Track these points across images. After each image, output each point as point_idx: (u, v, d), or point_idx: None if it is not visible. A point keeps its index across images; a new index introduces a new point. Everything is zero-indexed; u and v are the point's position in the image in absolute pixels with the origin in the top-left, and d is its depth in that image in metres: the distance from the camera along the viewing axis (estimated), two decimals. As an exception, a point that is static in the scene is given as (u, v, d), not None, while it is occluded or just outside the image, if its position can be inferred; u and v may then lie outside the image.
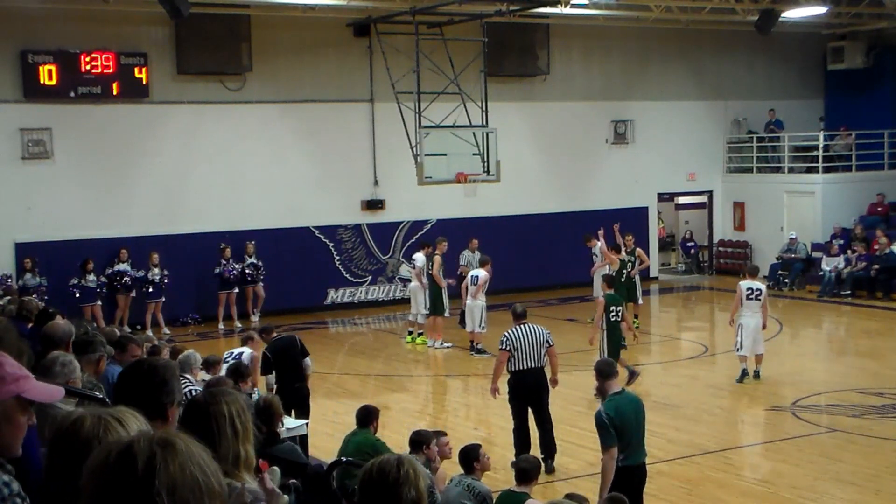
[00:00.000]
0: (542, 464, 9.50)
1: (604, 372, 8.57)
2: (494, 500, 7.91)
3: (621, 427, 8.26)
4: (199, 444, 2.11)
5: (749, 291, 15.15)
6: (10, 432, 2.95)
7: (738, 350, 15.15)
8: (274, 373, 11.57)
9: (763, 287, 15.47)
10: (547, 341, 11.28)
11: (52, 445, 2.71)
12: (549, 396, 11.34)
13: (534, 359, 11.16)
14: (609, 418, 8.19)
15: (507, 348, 11.17)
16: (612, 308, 14.06)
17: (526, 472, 7.87)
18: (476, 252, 20.15)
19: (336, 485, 6.65)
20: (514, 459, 8.97)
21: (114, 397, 3.85)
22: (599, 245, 19.65)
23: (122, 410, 2.71)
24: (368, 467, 3.42)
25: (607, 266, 18.48)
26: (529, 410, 11.25)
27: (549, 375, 11.49)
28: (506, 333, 11.35)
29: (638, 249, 20.08)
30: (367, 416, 8.98)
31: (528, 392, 11.21)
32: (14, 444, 2.97)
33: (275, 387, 11.53)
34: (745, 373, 15.12)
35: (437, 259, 18.63)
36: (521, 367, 11.17)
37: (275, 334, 12.11)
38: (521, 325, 11.37)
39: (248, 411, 3.57)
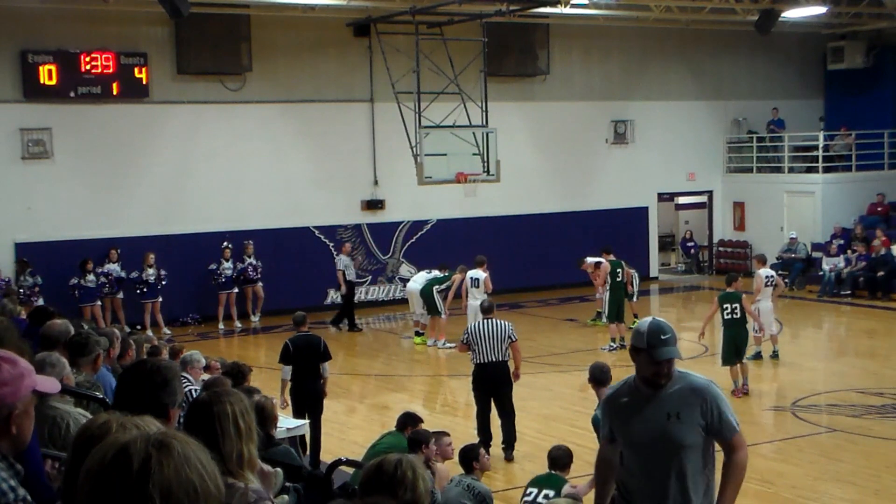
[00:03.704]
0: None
1: (598, 379, 8.80)
2: (532, 480, 8.32)
3: None
4: (198, 444, 2.10)
5: (768, 279, 16.33)
6: (29, 425, 3.10)
7: (755, 332, 15.98)
8: (291, 366, 11.52)
9: (774, 273, 16.94)
10: (509, 337, 11.65)
11: (77, 447, 2.75)
12: (511, 389, 11.72)
13: (493, 353, 11.58)
14: None
15: (465, 342, 11.79)
16: (727, 305, 14.40)
17: (559, 460, 8.33)
18: (350, 257, 20.81)
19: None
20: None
21: (115, 397, 3.85)
22: (589, 262, 19.97)
23: (146, 418, 2.76)
24: (369, 467, 3.43)
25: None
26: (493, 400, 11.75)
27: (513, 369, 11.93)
28: (467, 327, 12.04)
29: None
30: (407, 422, 8.94)
31: (488, 384, 11.66)
32: (29, 436, 3.12)
33: (289, 381, 11.55)
34: (775, 352, 16.57)
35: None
36: (480, 361, 11.67)
37: (304, 328, 11.88)
38: (484, 321, 11.83)
39: (251, 411, 3.59)
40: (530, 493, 8.16)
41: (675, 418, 5.01)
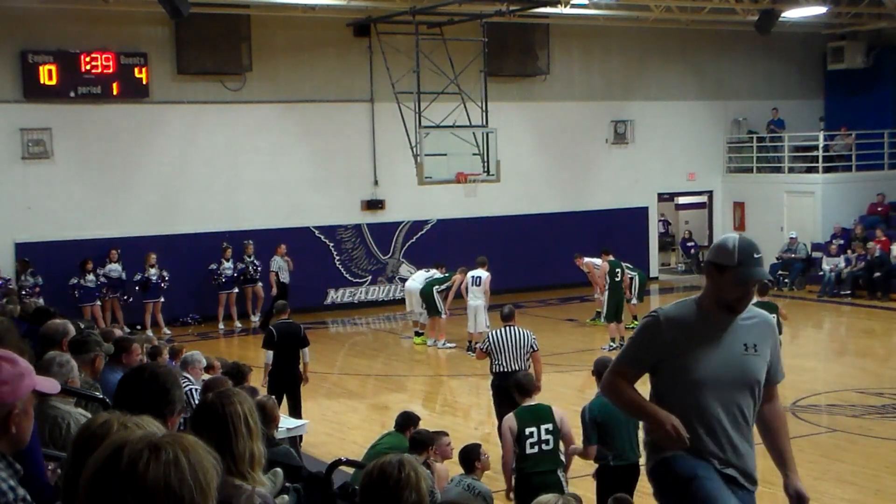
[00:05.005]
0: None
1: (600, 372, 8.66)
2: (520, 418, 8.49)
3: (608, 425, 8.37)
4: (205, 450, 2.11)
5: None
6: (28, 425, 3.10)
7: None
8: (273, 352, 12.20)
9: None
10: (532, 346, 11.41)
11: (78, 447, 2.76)
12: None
13: (514, 362, 11.29)
14: (591, 417, 8.38)
15: (485, 349, 11.55)
16: None
17: (526, 385, 8.70)
18: (285, 258, 20.85)
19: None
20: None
21: (114, 404, 3.84)
22: (587, 261, 20.04)
23: (146, 417, 2.76)
24: (370, 469, 3.43)
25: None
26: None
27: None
28: (488, 335, 11.79)
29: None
30: (407, 422, 8.92)
31: (508, 394, 11.06)
32: (28, 435, 3.12)
33: (270, 365, 12.20)
34: None
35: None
36: (500, 370, 11.33)
37: (285, 316, 12.70)
38: (505, 328, 11.57)
39: (256, 410, 3.59)
40: (531, 432, 8.42)
41: (753, 350, 4.37)
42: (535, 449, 8.43)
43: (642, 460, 8.65)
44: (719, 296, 4.30)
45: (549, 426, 8.47)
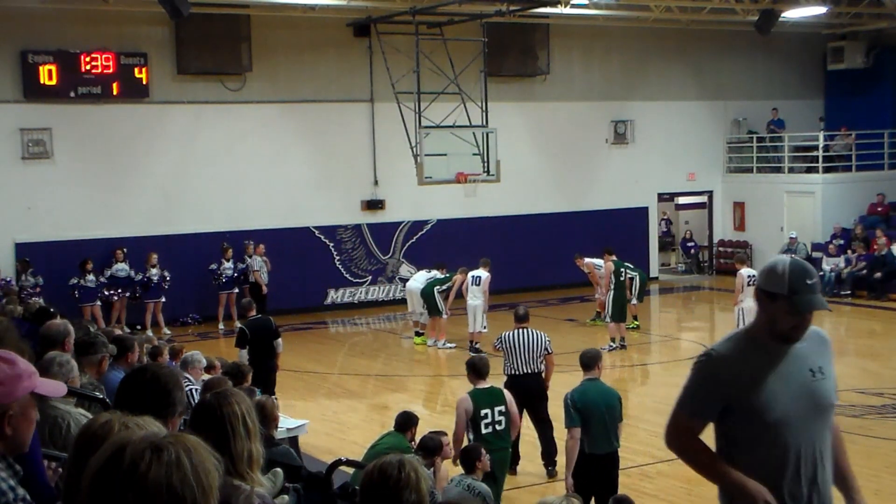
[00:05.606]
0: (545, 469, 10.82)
1: (582, 363, 9.33)
2: (477, 399, 8.93)
3: (585, 413, 8.70)
4: (206, 451, 2.11)
5: (750, 279, 16.25)
6: (27, 428, 3.05)
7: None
8: (247, 348, 12.59)
9: (755, 273, 16.53)
10: (546, 348, 11.31)
11: (79, 447, 2.76)
12: (546, 402, 11.26)
13: (528, 364, 11.17)
14: (572, 402, 8.76)
15: (498, 347, 11.51)
16: None
17: (483, 368, 9.14)
18: (264, 258, 20.81)
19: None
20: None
21: (115, 404, 3.83)
22: (587, 262, 20.09)
23: (147, 418, 2.76)
24: (370, 469, 3.43)
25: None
26: (526, 413, 11.15)
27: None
28: (501, 335, 11.60)
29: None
30: (406, 422, 8.90)
31: (522, 397, 10.88)
32: (28, 439, 3.06)
33: (247, 362, 12.25)
34: None
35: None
36: (513, 371, 11.22)
37: (252, 313, 13.19)
38: (519, 329, 11.47)
39: (254, 410, 3.59)
40: (485, 414, 8.90)
41: (820, 373, 3.99)
42: (490, 429, 8.87)
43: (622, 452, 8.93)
44: (773, 325, 3.95)
45: (502, 408, 8.97)
